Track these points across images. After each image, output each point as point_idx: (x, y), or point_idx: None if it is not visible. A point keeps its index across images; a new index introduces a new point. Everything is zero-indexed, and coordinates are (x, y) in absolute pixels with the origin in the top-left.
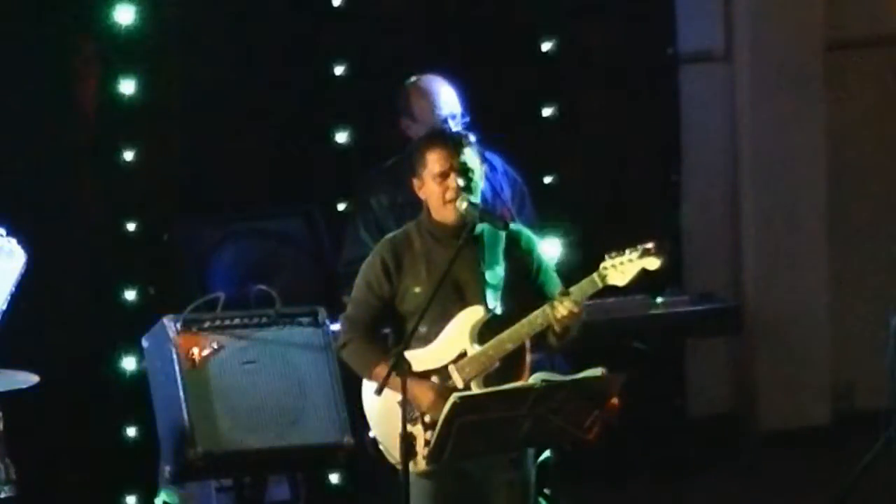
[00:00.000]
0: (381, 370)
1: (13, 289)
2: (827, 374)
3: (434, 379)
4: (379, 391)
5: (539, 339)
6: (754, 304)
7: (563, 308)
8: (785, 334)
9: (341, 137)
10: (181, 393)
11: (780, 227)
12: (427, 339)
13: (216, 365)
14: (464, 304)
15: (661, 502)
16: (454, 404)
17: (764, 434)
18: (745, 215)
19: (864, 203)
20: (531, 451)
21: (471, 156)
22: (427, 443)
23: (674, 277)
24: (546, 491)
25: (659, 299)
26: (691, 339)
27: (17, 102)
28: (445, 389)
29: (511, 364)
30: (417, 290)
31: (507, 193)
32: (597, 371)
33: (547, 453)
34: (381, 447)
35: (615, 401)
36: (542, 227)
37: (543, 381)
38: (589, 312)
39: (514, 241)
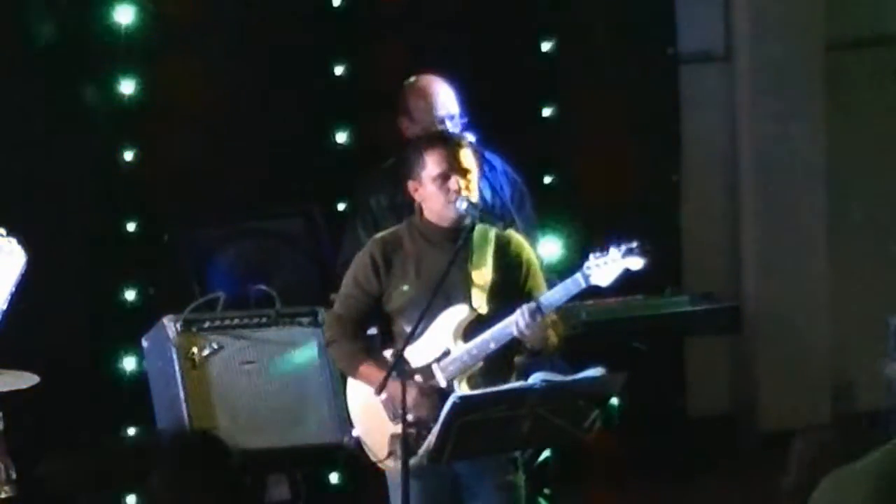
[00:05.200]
0: (366, 369)
1: (13, 289)
2: (827, 374)
3: (418, 377)
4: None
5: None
6: (754, 304)
7: (522, 320)
8: (785, 334)
9: (341, 137)
10: (181, 393)
11: (780, 227)
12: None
13: (216, 365)
14: (449, 303)
15: (660, 502)
16: (454, 404)
17: (764, 434)
18: (745, 215)
19: (863, 203)
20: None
21: (469, 157)
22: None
23: (674, 277)
24: (546, 491)
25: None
26: (691, 339)
27: (17, 102)
28: (430, 389)
29: (496, 364)
30: (405, 287)
31: (506, 193)
32: (597, 371)
33: (547, 453)
34: (363, 445)
35: (615, 401)
36: (541, 227)
37: (543, 381)
38: (589, 312)
39: (503, 244)
